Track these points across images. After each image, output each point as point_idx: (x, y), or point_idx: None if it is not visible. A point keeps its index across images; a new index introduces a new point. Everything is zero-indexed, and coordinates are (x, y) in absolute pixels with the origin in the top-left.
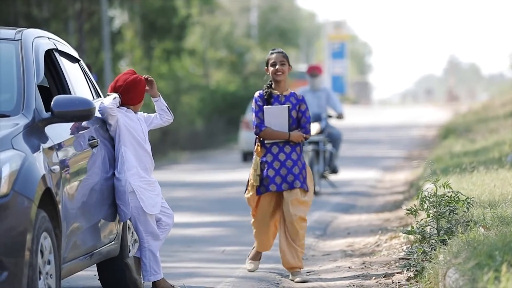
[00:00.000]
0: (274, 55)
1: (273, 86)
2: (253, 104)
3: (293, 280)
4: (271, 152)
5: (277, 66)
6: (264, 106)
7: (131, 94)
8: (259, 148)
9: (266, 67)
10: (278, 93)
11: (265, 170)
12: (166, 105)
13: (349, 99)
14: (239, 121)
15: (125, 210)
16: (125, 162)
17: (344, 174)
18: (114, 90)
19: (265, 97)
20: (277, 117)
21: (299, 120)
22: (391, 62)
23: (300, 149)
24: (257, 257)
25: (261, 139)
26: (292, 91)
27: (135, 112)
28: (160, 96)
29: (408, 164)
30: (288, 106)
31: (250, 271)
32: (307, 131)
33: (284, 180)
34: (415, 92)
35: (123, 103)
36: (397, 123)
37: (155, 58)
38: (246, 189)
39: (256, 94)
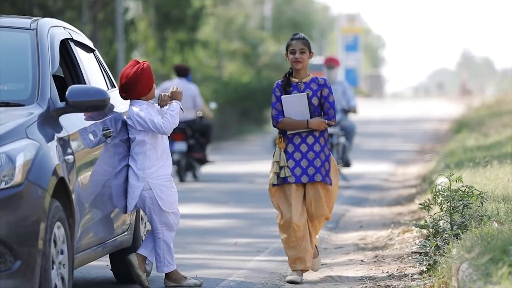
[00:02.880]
0: (294, 42)
1: (293, 73)
2: (272, 96)
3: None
4: (293, 142)
5: (296, 55)
6: (282, 96)
7: (138, 88)
8: (281, 139)
9: (286, 52)
10: (297, 81)
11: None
12: (178, 113)
13: (362, 92)
14: (252, 113)
15: (129, 205)
16: (147, 160)
17: (356, 167)
18: (121, 88)
19: (283, 86)
20: (296, 106)
21: (322, 106)
22: (404, 55)
23: (325, 140)
24: (299, 272)
25: (283, 130)
26: (314, 77)
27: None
28: (180, 104)
29: (421, 158)
30: (307, 94)
31: (290, 281)
32: (330, 117)
33: (304, 172)
34: (427, 86)
35: (135, 97)
36: (410, 117)
37: (169, 49)
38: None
39: (275, 84)
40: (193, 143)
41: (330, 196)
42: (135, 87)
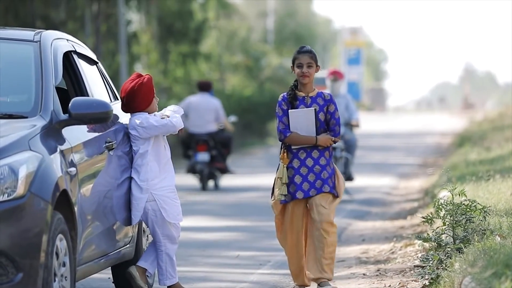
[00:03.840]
0: (301, 55)
1: (298, 87)
2: (277, 108)
3: None
4: (298, 157)
5: (303, 69)
6: (289, 110)
7: (136, 102)
8: (285, 155)
9: (292, 66)
10: (304, 95)
11: (291, 177)
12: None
13: (364, 105)
14: (255, 126)
15: (134, 217)
16: (150, 171)
17: (359, 181)
18: (122, 101)
19: (289, 100)
20: (303, 121)
21: (327, 122)
22: (407, 69)
23: (329, 154)
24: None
25: (287, 145)
26: (320, 91)
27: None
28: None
29: (423, 172)
30: (315, 109)
31: None
32: (336, 134)
33: (312, 186)
34: (430, 100)
35: (135, 111)
36: (412, 130)
37: (171, 61)
38: (272, 195)
39: (280, 97)
40: (215, 154)
41: (331, 206)
42: (133, 101)
